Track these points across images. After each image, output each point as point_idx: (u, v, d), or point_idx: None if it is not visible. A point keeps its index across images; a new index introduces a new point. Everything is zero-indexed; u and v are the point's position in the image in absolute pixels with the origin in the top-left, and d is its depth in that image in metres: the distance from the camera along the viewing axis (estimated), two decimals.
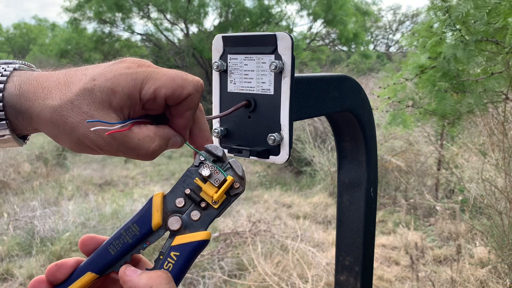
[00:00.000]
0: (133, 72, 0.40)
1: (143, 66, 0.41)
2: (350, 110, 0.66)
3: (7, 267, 3.13)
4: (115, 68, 0.40)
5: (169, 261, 0.43)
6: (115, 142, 0.40)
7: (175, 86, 0.41)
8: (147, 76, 0.40)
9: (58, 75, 0.41)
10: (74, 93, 0.38)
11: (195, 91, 0.42)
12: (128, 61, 0.42)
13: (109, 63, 0.42)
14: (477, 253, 2.95)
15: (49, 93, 0.39)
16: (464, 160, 3.95)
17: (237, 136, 0.56)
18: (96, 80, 0.39)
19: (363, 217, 0.74)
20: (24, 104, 0.39)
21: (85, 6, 11.95)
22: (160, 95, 0.40)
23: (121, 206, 4.20)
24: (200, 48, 11.32)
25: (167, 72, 0.41)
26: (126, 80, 0.39)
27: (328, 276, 2.83)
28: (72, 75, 0.40)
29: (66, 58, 14.61)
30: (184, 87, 0.41)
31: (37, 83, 0.39)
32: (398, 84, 2.16)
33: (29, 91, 0.39)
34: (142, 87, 0.40)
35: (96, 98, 0.39)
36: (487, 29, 1.78)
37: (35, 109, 0.39)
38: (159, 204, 0.44)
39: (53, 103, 0.38)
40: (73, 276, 0.43)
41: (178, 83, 0.41)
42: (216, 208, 0.45)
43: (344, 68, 12.73)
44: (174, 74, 0.41)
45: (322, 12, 12.26)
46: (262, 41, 0.52)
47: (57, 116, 0.38)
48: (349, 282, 0.77)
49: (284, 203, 4.62)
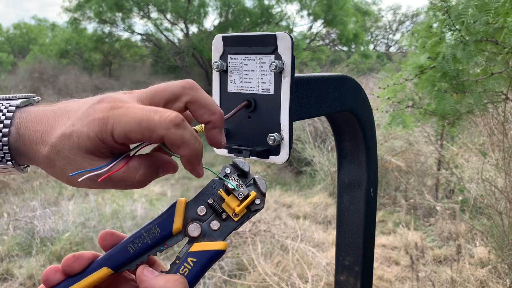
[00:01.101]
0: (104, 116, 0.40)
1: (115, 108, 0.40)
2: (350, 110, 0.66)
3: (7, 267, 3.13)
4: (91, 112, 0.41)
5: (186, 266, 0.44)
6: (102, 181, 0.41)
7: (143, 130, 0.39)
8: (117, 120, 0.39)
9: (49, 115, 0.42)
10: (57, 137, 0.40)
11: (166, 130, 0.39)
12: (105, 101, 0.41)
13: (89, 103, 0.42)
14: (477, 253, 2.95)
15: (40, 137, 0.41)
16: (464, 160, 3.95)
17: (237, 136, 0.56)
18: (74, 125, 0.40)
19: (363, 217, 0.74)
20: (22, 148, 0.41)
21: (85, 6, 11.95)
22: (132, 138, 0.40)
23: (121, 206, 4.20)
24: (200, 48, 11.33)
25: (135, 113, 0.39)
26: (99, 125, 0.40)
27: (328, 276, 2.83)
28: (59, 116, 0.42)
29: (66, 58, 14.62)
30: (151, 130, 0.39)
31: (32, 125, 0.41)
32: (397, 84, 2.17)
33: (25, 136, 0.41)
34: (113, 131, 0.40)
35: (74, 144, 0.40)
36: (487, 29, 1.78)
37: (31, 154, 0.42)
38: (182, 210, 0.46)
39: (43, 150, 0.41)
40: (89, 269, 0.43)
41: (144, 126, 0.39)
42: (235, 220, 0.46)
43: (344, 68, 12.72)
44: (140, 116, 0.39)
45: (322, 13, 12.27)
46: (262, 41, 0.52)
47: (47, 161, 0.41)
48: (349, 282, 0.77)
49: (284, 203, 4.62)
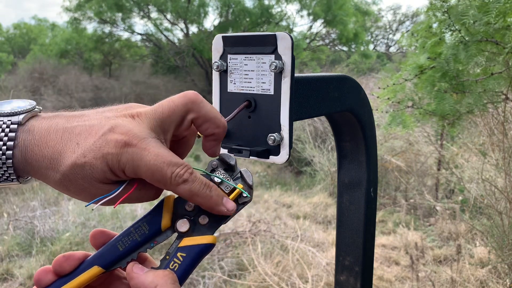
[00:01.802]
0: (118, 153, 0.40)
1: (129, 146, 0.40)
2: (350, 110, 0.66)
3: (7, 267, 3.13)
4: (104, 145, 0.40)
5: (175, 261, 0.44)
6: (113, 203, 0.43)
7: (154, 181, 0.41)
8: (130, 159, 0.40)
9: (55, 139, 0.41)
10: (68, 166, 0.40)
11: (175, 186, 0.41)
12: (116, 132, 0.41)
13: (100, 132, 0.41)
14: (477, 253, 2.95)
15: (49, 163, 0.41)
16: (464, 160, 3.95)
17: (237, 136, 0.56)
18: (86, 157, 0.40)
19: (363, 217, 0.74)
20: (30, 170, 0.41)
21: (85, 6, 11.95)
22: (141, 177, 0.42)
23: (121, 206, 4.20)
24: (200, 48, 11.33)
25: (149, 161, 0.40)
26: (111, 160, 0.40)
27: (328, 276, 2.83)
28: (66, 142, 0.41)
29: (66, 58, 14.62)
30: (164, 184, 0.41)
31: (38, 150, 0.41)
32: (397, 84, 2.17)
33: (33, 160, 0.41)
34: (125, 170, 0.41)
35: (87, 174, 0.40)
36: (487, 29, 1.78)
37: (40, 176, 0.42)
38: (170, 206, 0.46)
39: (55, 176, 0.41)
40: (80, 268, 0.43)
41: (156, 179, 0.41)
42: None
43: (344, 68, 12.72)
44: (154, 167, 0.40)
45: (322, 13, 12.27)
46: (262, 41, 0.52)
47: (60, 186, 0.42)
48: (349, 282, 0.77)
49: (284, 203, 4.62)
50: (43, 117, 0.43)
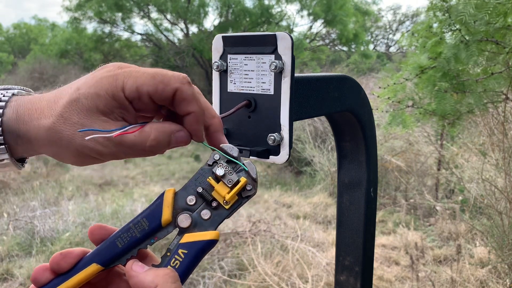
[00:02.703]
0: (113, 74, 0.40)
1: (123, 68, 0.41)
2: (350, 110, 0.66)
3: (7, 267, 3.12)
4: (97, 74, 0.41)
5: (177, 258, 0.42)
6: (112, 143, 0.40)
7: (157, 83, 0.40)
8: (127, 75, 0.40)
9: (49, 94, 0.42)
10: (62, 106, 0.40)
11: (180, 83, 0.41)
12: (109, 66, 0.42)
13: (92, 72, 0.42)
14: (477, 253, 2.95)
15: (41, 113, 0.40)
16: (464, 160, 3.95)
17: (237, 136, 0.56)
18: (80, 89, 0.40)
19: (363, 217, 0.74)
20: (21, 127, 0.40)
21: (85, 6, 11.94)
22: (143, 92, 0.40)
23: (121, 206, 4.20)
24: (200, 48, 11.33)
25: (147, 70, 0.41)
26: (108, 82, 0.40)
27: (328, 276, 2.83)
28: (61, 91, 0.42)
29: (66, 58, 14.61)
30: (166, 83, 0.40)
31: (31, 105, 0.41)
32: (398, 84, 2.16)
33: (25, 114, 0.40)
34: (124, 86, 0.40)
35: (83, 106, 0.39)
36: (487, 29, 1.78)
37: (32, 132, 0.40)
38: (170, 200, 0.44)
39: (46, 122, 0.40)
40: (78, 266, 0.42)
41: (159, 79, 0.40)
42: (227, 208, 0.44)
43: (344, 68, 12.73)
44: (154, 71, 0.41)
45: (322, 13, 12.26)
46: (262, 41, 0.52)
47: (52, 133, 0.40)
48: (349, 282, 0.76)
49: (284, 203, 4.62)
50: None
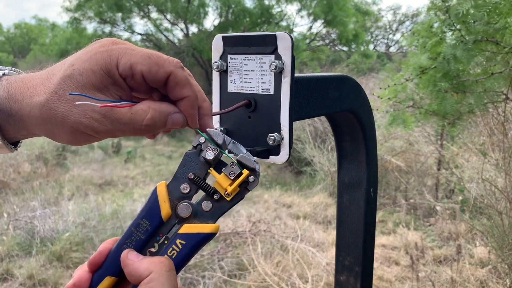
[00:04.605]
0: (108, 49, 0.40)
1: (118, 44, 0.41)
2: (350, 110, 0.66)
3: (7, 267, 3.12)
4: (90, 49, 0.40)
5: (174, 248, 0.42)
6: (108, 120, 0.39)
7: (151, 63, 0.40)
8: (122, 52, 0.40)
9: (41, 72, 0.41)
10: (56, 83, 0.39)
11: (174, 67, 0.41)
12: (102, 41, 0.41)
13: (85, 48, 0.42)
14: (477, 253, 2.95)
15: (34, 90, 0.39)
16: (464, 160, 3.95)
17: (237, 136, 0.56)
18: (74, 65, 0.39)
19: (363, 217, 0.74)
20: (13, 106, 0.39)
21: (85, 6, 11.94)
22: (136, 71, 0.40)
23: (121, 206, 4.19)
24: (200, 48, 11.32)
25: (142, 50, 0.41)
26: (102, 58, 0.39)
27: (328, 276, 2.82)
28: (53, 68, 0.41)
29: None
30: (160, 65, 0.40)
31: (23, 83, 0.40)
32: (398, 84, 2.17)
33: (16, 93, 0.39)
34: (118, 62, 0.39)
35: (78, 82, 0.39)
36: (487, 29, 1.78)
37: (25, 110, 0.39)
38: (165, 194, 0.43)
39: (40, 99, 0.38)
40: (93, 283, 0.42)
41: (154, 60, 0.40)
42: (228, 200, 0.43)
43: (344, 68, 12.72)
44: (149, 52, 0.41)
45: (322, 13, 12.26)
46: (262, 41, 0.52)
47: (46, 110, 0.38)
48: (349, 282, 0.76)
49: (284, 203, 4.62)
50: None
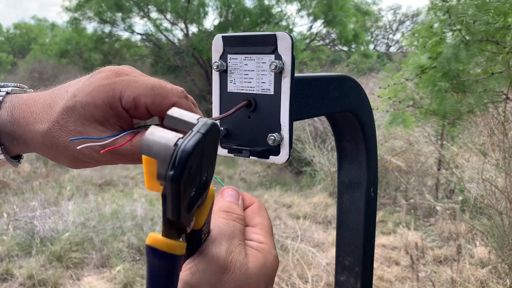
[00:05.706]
0: (111, 82, 0.39)
1: (121, 75, 0.40)
2: (350, 110, 0.66)
3: (7, 267, 3.12)
4: (94, 81, 0.40)
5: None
6: (109, 153, 0.40)
7: (155, 95, 0.39)
8: (126, 85, 0.39)
9: (44, 96, 0.41)
10: (58, 112, 0.39)
11: (178, 98, 0.41)
12: (105, 71, 0.41)
13: (88, 76, 0.41)
14: (477, 253, 2.95)
15: (37, 117, 0.39)
16: (464, 160, 3.95)
17: (237, 136, 0.56)
18: (76, 96, 0.39)
19: (363, 217, 0.74)
20: (17, 130, 0.39)
21: (85, 6, 11.94)
22: (140, 103, 0.39)
23: (121, 206, 4.19)
24: (200, 48, 11.31)
25: (146, 80, 0.40)
26: (105, 92, 0.39)
27: (328, 276, 2.82)
28: (56, 94, 0.41)
29: (66, 58, 14.61)
30: (164, 96, 0.40)
31: (26, 107, 0.40)
32: (398, 84, 2.16)
33: (20, 117, 0.39)
34: (122, 96, 0.39)
35: (80, 115, 0.39)
36: (488, 29, 1.78)
37: (28, 135, 0.39)
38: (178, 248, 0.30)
39: (42, 128, 0.39)
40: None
41: (157, 92, 0.40)
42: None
43: (344, 68, 12.73)
44: (153, 82, 0.40)
45: (321, 13, 12.26)
46: (262, 41, 0.52)
47: (48, 139, 0.39)
48: (349, 282, 0.76)
49: (284, 203, 4.62)
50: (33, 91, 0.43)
